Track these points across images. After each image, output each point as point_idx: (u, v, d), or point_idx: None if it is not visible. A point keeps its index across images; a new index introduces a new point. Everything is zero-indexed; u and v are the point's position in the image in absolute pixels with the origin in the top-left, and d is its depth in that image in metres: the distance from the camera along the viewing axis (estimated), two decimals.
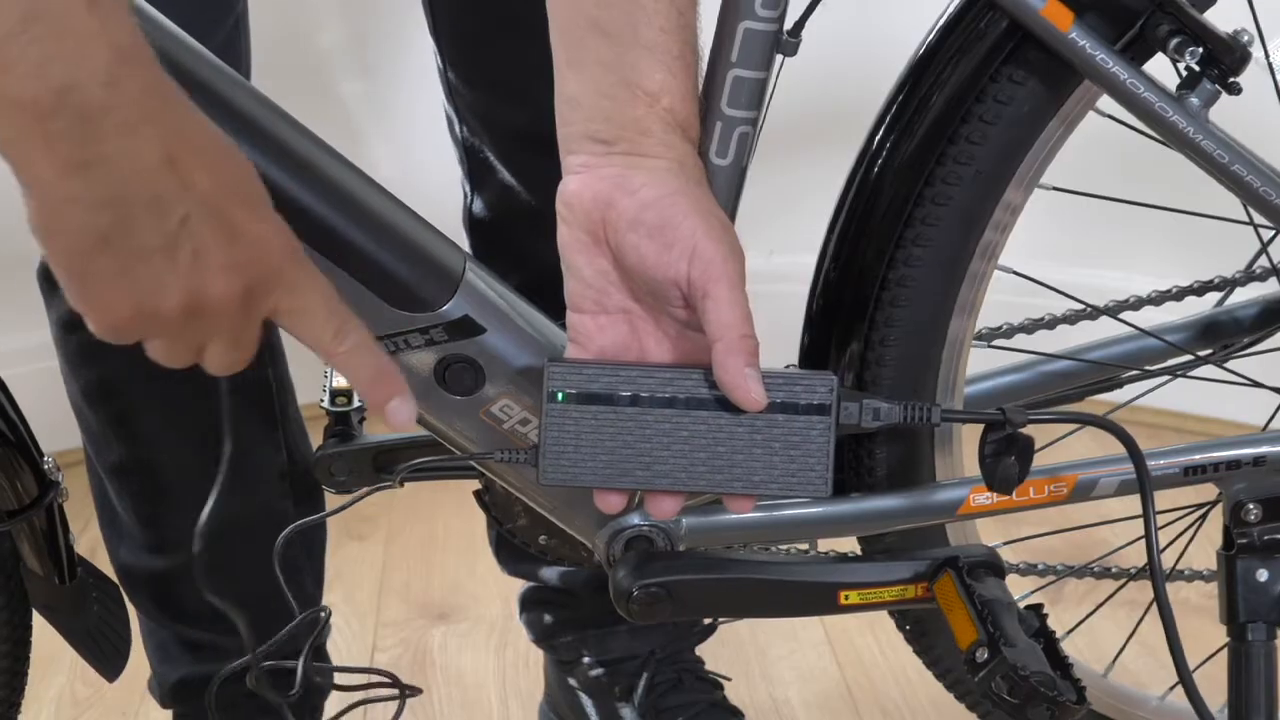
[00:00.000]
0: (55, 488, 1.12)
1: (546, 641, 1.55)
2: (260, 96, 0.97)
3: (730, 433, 0.93)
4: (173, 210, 0.75)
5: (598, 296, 0.94)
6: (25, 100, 0.70)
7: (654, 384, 0.93)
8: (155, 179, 0.74)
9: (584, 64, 0.93)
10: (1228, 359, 1.29)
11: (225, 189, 0.77)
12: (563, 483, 0.94)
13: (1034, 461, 1.00)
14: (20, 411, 1.12)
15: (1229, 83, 1.05)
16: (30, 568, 1.14)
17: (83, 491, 1.36)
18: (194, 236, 0.76)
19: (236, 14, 1.29)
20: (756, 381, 0.91)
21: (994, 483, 0.99)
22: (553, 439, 0.93)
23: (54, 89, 0.70)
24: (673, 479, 0.94)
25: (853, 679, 1.78)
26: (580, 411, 0.93)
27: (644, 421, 0.93)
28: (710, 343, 0.91)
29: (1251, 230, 1.22)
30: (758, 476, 0.93)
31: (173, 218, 0.75)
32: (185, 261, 0.77)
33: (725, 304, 0.90)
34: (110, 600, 1.22)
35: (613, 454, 0.94)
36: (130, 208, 0.74)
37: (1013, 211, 1.12)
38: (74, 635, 1.19)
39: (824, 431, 0.93)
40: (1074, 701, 1.01)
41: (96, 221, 0.74)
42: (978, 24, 1.08)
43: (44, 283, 1.31)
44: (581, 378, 0.93)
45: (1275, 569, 1.17)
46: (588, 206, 0.93)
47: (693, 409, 0.93)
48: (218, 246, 0.77)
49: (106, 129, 0.72)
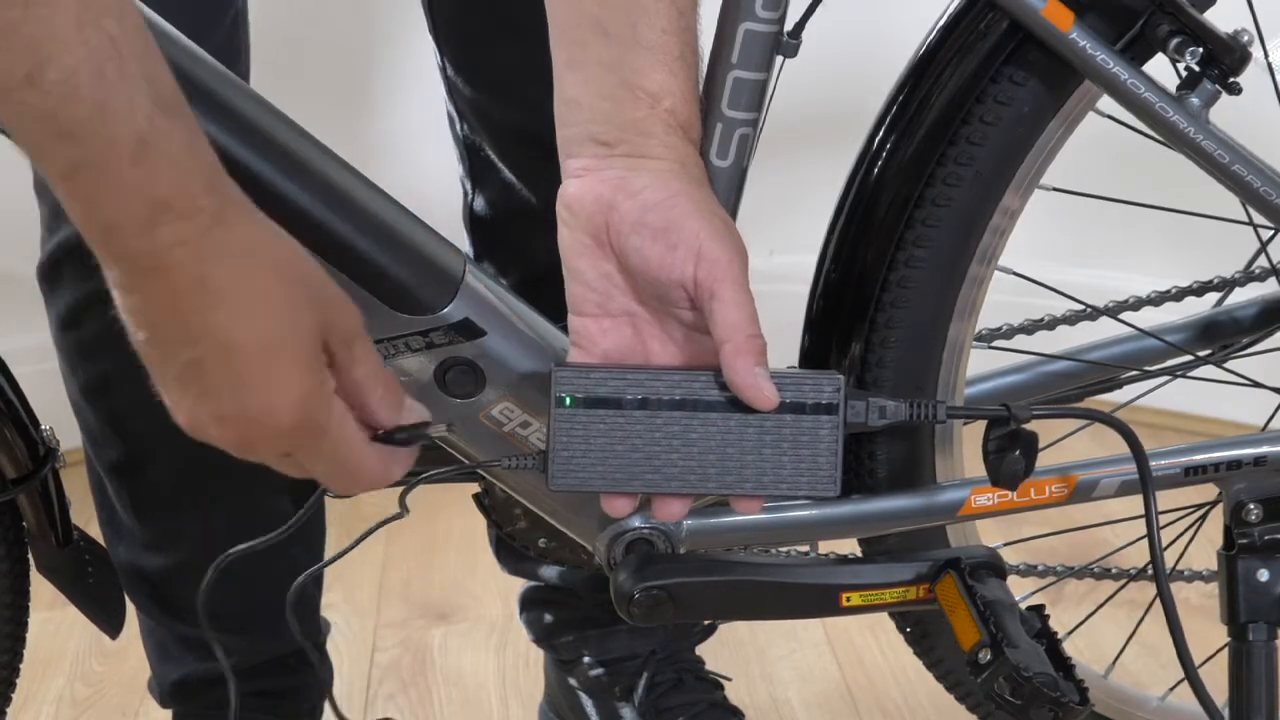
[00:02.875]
0: (54, 455, 1.15)
1: (547, 641, 1.55)
2: (259, 99, 0.97)
3: (739, 434, 0.93)
4: (183, 351, 0.79)
5: (600, 300, 0.94)
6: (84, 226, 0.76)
7: (661, 386, 0.93)
8: (172, 320, 0.78)
9: (585, 65, 0.93)
10: (1227, 359, 1.29)
11: (245, 345, 0.79)
12: (572, 488, 0.94)
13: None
14: (16, 382, 1.14)
15: (1229, 83, 1.05)
16: (33, 533, 1.17)
17: (83, 492, 1.36)
18: (201, 379, 0.79)
19: (235, 11, 1.29)
20: (767, 381, 0.91)
21: (1000, 479, 0.99)
22: (561, 444, 0.93)
23: (99, 226, 0.75)
24: (682, 482, 0.94)
25: (853, 679, 1.78)
26: (588, 416, 0.93)
27: (652, 424, 0.93)
28: (718, 344, 0.90)
29: (1251, 230, 1.22)
30: (767, 477, 0.93)
31: (184, 356, 0.79)
32: (192, 398, 0.80)
33: (732, 305, 0.90)
34: (102, 564, 1.25)
35: (621, 458, 0.93)
36: (159, 334, 0.79)
37: (1013, 213, 1.12)
38: (77, 596, 1.22)
39: (832, 431, 0.93)
40: (1077, 702, 1.01)
41: (142, 330, 0.79)
42: (978, 24, 1.08)
43: (43, 281, 1.31)
44: (588, 382, 0.93)
45: (1276, 569, 1.17)
46: (590, 210, 0.93)
47: (700, 411, 0.93)
48: (218, 396, 0.80)
49: (139, 266, 0.76)
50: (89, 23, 0.70)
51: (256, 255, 0.79)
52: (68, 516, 1.19)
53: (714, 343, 0.91)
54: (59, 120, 0.71)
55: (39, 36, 0.69)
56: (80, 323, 1.30)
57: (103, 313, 1.27)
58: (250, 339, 0.79)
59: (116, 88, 0.72)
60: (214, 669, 1.44)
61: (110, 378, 1.33)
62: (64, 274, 1.29)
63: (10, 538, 1.16)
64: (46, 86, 0.70)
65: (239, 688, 1.42)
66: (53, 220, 1.29)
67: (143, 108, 0.73)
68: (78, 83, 0.71)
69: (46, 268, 1.31)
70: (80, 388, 1.35)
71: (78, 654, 1.87)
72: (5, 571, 1.17)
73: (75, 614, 1.25)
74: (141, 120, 0.73)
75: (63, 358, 1.35)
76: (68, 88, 0.70)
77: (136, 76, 0.73)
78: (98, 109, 0.71)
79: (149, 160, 0.73)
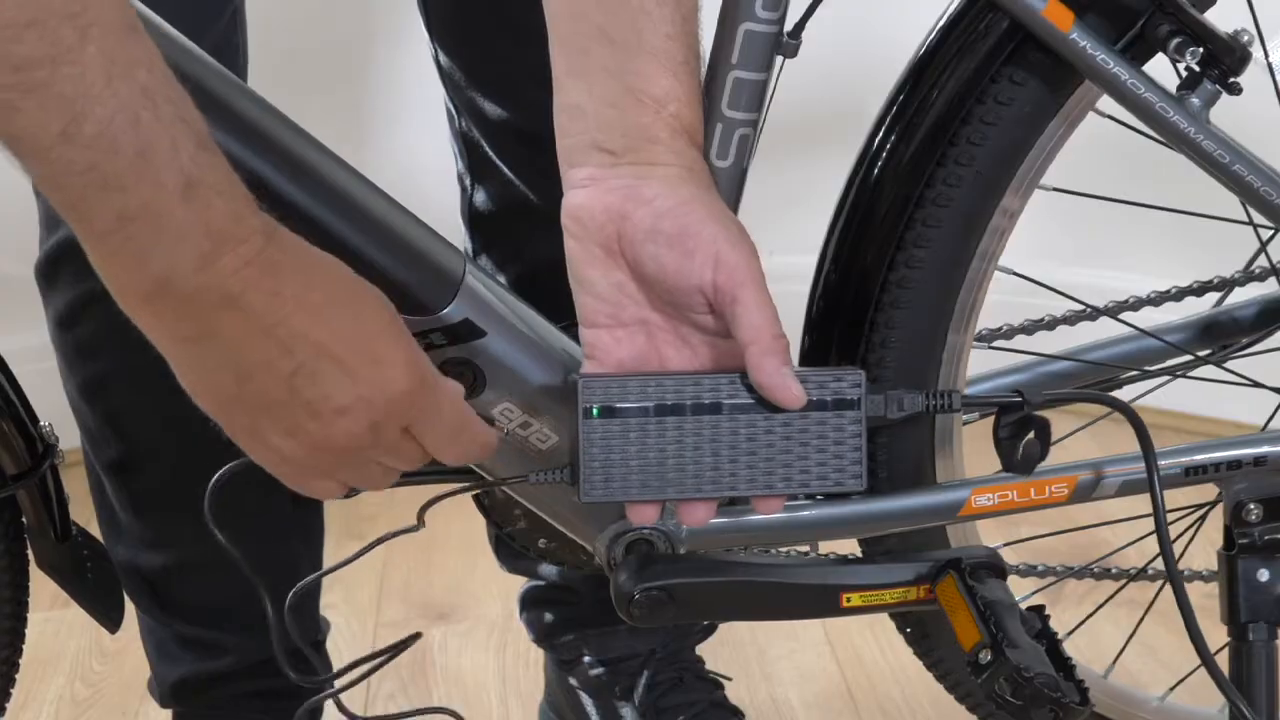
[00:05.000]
0: (53, 451, 1.16)
1: (547, 641, 1.55)
2: (257, 98, 0.96)
3: (765, 434, 0.93)
4: (282, 367, 0.80)
5: (613, 310, 0.94)
6: (130, 287, 0.76)
7: (685, 392, 0.93)
8: (258, 346, 0.79)
9: (588, 72, 0.93)
10: (1227, 359, 1.29)
11: (337, 336, 0.81)
12: (604, 499, 0.94)
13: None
14: (14, 378, 1.15)
15: (1229, 83, 1.05)
16: (32, 529, 1.17)
17: (83, 493, 1.36)
18: (307, 388, 0.81)
19: (233, 8, 1.29)
20: (794, 380, 0.91)
21: (1014, 464, 0.99)
22: (590, 455, 0.93)
23: (153, 278, 0.75)
24: (713, 486, 0.94)
25: (853, 679, 1.78)
26: (616, 425, 0.93)
27: (679, 430, 0.93)
28: (743, 346, 0.91)
29: (1251, 230, 1.22)
30: (795, 476, 0.94)
31: (283, 372, 0.80)
32: (303, 411, 0.82)
33: (755, 307, 0.90)
34: (101, 560, 1.25)
35: (651, 466, 0.93)
36: (244, 369, 0.79)
37: (1012, 214, 1.12)
38: (76, 592, 1.23)
39: (856, 425, 0.93)
40: (1077, 702, 1.01)
41: (220, 382, 0.80)
42: (978, 25, 1.08)
43: (42, 279, 1.31)
44: (614, 391, 0.93)
45: (1276, 569, 1.17)
46: (599, 220, 0.92)
47: (726, 414, 0.93)
48: (333, 393, 0.82)
49: (205, 308, 0.77)
50: (119, 75, 0.72)
51: (311, 261, 0.82)
52: (67, 513, 1.19)
53: (732, 345, 0.92)
54: (102, 171, 0.72)
55: (69, 94, 0.70)
56: (78, 321, 1.30)
57: (101, 312, 1.28)
58: (341, 330, 0.81)
59: (155, 132, 0.73)
60: (213, 669, 1.44)
61: (108, 377, 1.33)
62: (62, 273, 1.29)
63: (10, 534, 1.16)
64: (84, 141, 0.71)
65: (239, 687, 1.42)
66: (51, 219, 1.29)
67: (186, 148, 0.74)
68: (115, 133, 0.72)
69: (45, 266, 1.31)
70: (78, 387, 1.35)
71: (78, 654, 1.87)
72: (5, 567, 1.17)
73: (75, 614, 1.25)
74: (186, 160, 0.74)
75: (60, 357, 1.35)
76: (105, 139, 0.72)
77: (173, 119, 0.74)
78: (139, 156, 0.73)
79: (199, 196, 0.75)
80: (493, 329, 1.00)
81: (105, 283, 0.77)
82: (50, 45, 0.69)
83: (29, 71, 0.69)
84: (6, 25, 0.68)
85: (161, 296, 0.76)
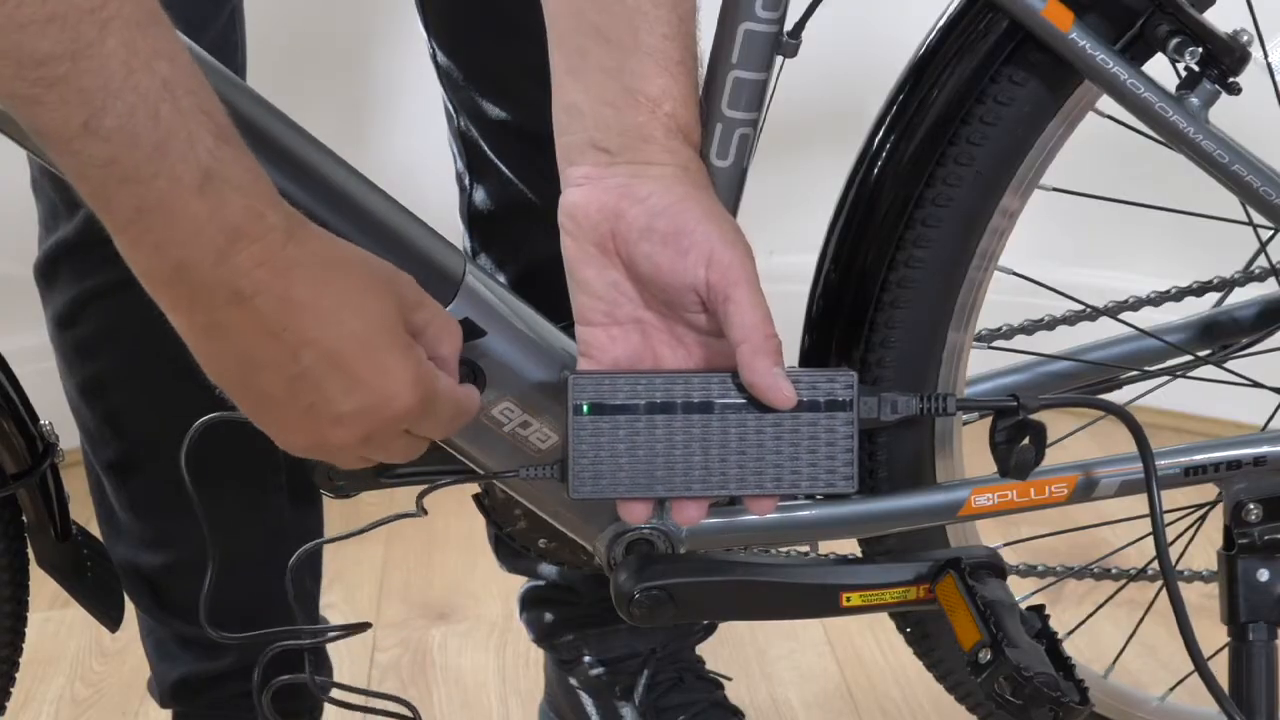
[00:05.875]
0: (53, 450, 1.16)
1: (547, 641, 1.55)
2: (256, 96, 0.97)
3: (756, 434, 0.93)
4: (286, 368, 0.80)
5: (608, 309, 0.94)
6: (151, 273, 0.77)
7: (676, 390, 0.93)
8: (264, 345, 0.79)
9: (585, 71, 0.93)
10: (1227, 359, 1.29)
11: (346, 344, 0.81)
12: (592, 496, 0.94)
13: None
14: (14, 377, 1.15)
15: (1229, 83, 1.05)
16: (32, 527, 1.17)
17: (83, 492, 1.36)
18: (310, 391, 0.81)
19: (232, 5, 1.29)
20: (786, 380, 0.92)
21: (1009, 469, 0.99)
22: (579, 452, 0.93)
23: (171, 265, 0.76)
24: (703, 484, 0.94)
25: (853, 679, 1.78)
26: (605, 423, 0.93)
27: (669, 428, 0.93)
28: (735, 345, 0.91)
29: (1251, 230, 1.22)
30: (785, 476, 0.94)
31: (286, 374, 0.80)
32: (303, 412, 0.82)
33: (747, 306, 0.90)
34: (101, 558, 1.26)
35: (640, 463, 0.93)
36: (253, 363, 0.80)
37: (1012, 213, 1.12)
38: (76, 590, 1.23)
39: (848, 427, 0.93)
40: (1077, 702, 1.01)
41: (229, 368, 0.81)
42: (978, 24, 1.08)
43: (41, 279, 1.31)
44: (605, 388, 0.93)
45: (1276, 569, 1.17)
46: (595, 219, 0.93)
47: (717, 413, 0.93)
48: (334, 399, 0.82)
49: (219, 301, 0.78)
50: (139, 68, 0.72)
51: (330, 260, 0.81)
52: (66, 511, 1.19)
53: (726, 344, 0.92)
54: (121, 165, 0.73)
55: (90, 88, 0.71)
56: (77, 321, 1.30)
57: (99, 311, 1.28)
58: (349, 339, 0.81)
59: (173, 125, 0.73)
60: (213, 668, 1.44)
61: (107, 376, 1.33)
62: (61, 272, 1.29)
63: (10, 532, 1.17)
64: (105, 134, 0.72)
65: (238, 687, 1.42)
66: (50, 219, 1.29)
67: (203, 140, 0.75)
68: (135, 127, 0.72)
69: (44, 266, 1.31)
70: (77, 386, 1.35)
71: (78, 654, 1.87)
72: (5, 566, 1.17)
73: (75, 614, 1.25)
74: (203, 153, 0.74)
75: (60, 356, 1.35)
76: (125, 133, 0.72)
77: (193, 111, 0.74)
78: (156, 149, 0.73)
79: (215, 190, 0.75)
80: (493, 328, 1.00)
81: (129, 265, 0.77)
82: (71, 40, 0.70)
83: (51, 67, 0.70)
84: (29, 21, 0.69)
85: (177, 285, 0.77)
